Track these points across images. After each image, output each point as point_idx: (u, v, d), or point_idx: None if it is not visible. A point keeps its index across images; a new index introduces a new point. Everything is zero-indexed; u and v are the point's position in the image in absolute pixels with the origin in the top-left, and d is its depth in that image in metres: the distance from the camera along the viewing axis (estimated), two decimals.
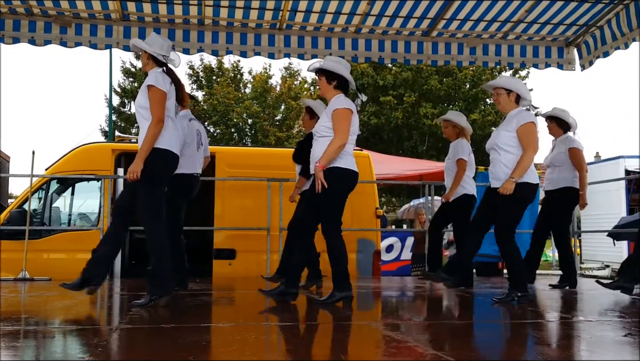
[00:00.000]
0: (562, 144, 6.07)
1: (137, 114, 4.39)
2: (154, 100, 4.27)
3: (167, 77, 4.42)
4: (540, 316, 4.38)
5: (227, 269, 7.16)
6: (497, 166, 4.80)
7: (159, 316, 4.00)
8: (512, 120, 4.79)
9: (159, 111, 4.25)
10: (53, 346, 3.10)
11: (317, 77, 4.63)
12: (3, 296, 5.14)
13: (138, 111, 4.38)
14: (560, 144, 6.09)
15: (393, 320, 4.14)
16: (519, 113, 4.81)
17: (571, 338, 3.48)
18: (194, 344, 2.97)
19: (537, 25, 7.09)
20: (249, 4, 6.45)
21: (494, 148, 4.85)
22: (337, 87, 4.55)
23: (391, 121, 21.05)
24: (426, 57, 7.38)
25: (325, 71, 4.55)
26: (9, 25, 6.48)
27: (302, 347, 3.12)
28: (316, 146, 4.52)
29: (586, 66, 7.37)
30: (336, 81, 4.54)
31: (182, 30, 6.79)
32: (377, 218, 7.71)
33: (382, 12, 6.72)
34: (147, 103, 4.29)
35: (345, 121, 4.41)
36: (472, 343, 3.38)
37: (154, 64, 4.47)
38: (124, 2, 6.38)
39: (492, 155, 4.90)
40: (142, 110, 4.32)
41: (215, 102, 24.64)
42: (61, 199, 8.13)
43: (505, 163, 4.73)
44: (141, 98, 4.34)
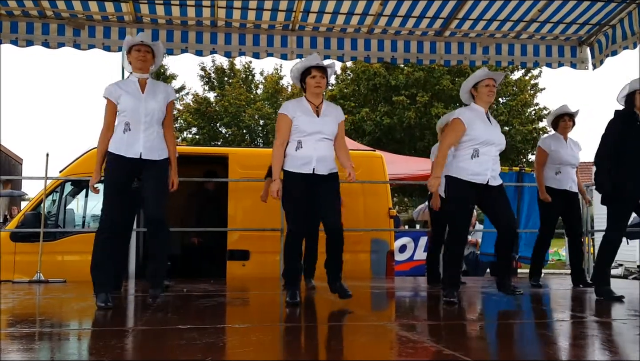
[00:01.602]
0: (575, 146, 6.13)
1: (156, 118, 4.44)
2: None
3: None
4: (555, 316, 4.35)
5: (241, 271, 7.17)
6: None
7: (175, 317, 4.01)
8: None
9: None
10: (68, 348, 3.11)
11: (321, 75, 4.57)
12: (18, 298, 5.18)
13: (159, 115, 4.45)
14: (574, 146, 6.13)
15: (408, 320, 4.12)
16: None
17: (586, 337, 3.45)
18: (211, 345, 2.98)
19: (550, 24, 7.04)
20: (261, 5, 6.46)
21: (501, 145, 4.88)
22: None
23: (404, 121, 21.01)
24: (439, 57, 7.35)
25: (327, 73, 4.62)
26: (23, 28, 6.53)
27: (317, 348, 3.12)
28: (323, 146, 4.53)
29: (598, 64, 7.33)
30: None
31: (195, 32, 6.81)
32: (391, 218, 7.69)
33: (395, 13, 6.70)
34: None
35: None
36: (488, 343, 3.36)
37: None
38: (136, 4, 6.40)
39: (496, 153, 4.85)
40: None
41: (227, 103, 24.71)
42: (75, 201, 8.18)
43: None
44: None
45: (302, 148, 4.49)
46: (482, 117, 4.80)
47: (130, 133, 4.33)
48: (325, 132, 4.56)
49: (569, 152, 6.08)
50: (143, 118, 4.34)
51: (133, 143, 4.32)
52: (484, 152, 4.70)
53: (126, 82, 4.47)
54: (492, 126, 4.83)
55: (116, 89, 4.39)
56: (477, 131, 4.71)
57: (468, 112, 4.83)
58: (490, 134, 4.75)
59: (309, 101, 4.60)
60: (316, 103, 4.60)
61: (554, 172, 6.04)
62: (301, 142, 4.50)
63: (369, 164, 8.01)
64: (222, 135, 25.52)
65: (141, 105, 4.34)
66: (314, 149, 4.50)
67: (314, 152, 4.50)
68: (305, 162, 4.49)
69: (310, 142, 4.51)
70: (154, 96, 4.41)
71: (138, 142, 4.32)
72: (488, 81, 4.80)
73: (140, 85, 4.43)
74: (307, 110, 4.56)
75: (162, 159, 4.42)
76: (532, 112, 22.23)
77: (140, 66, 4.46)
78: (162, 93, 4.47)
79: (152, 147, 4.37)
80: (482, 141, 4.71)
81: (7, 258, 6.85)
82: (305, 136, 4.50)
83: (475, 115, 4.80)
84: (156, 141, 4.39)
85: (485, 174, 4.69)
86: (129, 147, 4.32)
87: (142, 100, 4.36)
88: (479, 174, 4.69)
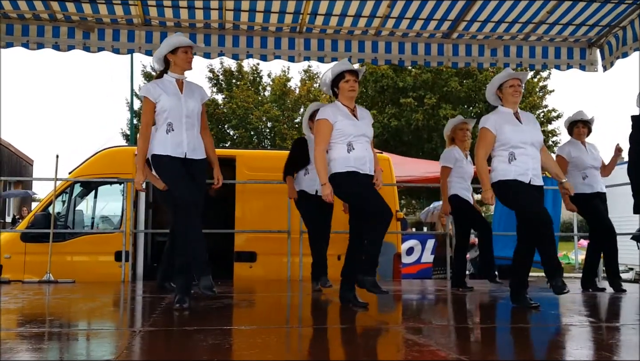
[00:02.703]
0: (594, 149, 6.14)
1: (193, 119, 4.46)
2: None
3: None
4: (563, 321, 4.34)
5: (248, 272, 7.19)
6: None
7: (182, 318, 4.03)
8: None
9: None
10: (77, 348, 3.14)
11: (354, 79, 4.64)
12: (28, 298, 5.22)
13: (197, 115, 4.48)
14: (592, 150, 6.12)
15: (414, 323, 4.12)
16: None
17: (594, 342, 3.44)
18: (216, 347, 2.99)
19: (559, 26, 7.02)
20: (269, 7, 6.48)
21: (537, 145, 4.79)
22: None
23: (411, 123, 20.99)
24: (447, 59, 7.34)
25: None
26: (33, 31, 6.58)
27: (323, 350, 3.12)
28: (369, 148, 4.62)
29: (608, 66, 7.28)
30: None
31: (203, 34, 6.84)
32: (398, 220, 7.68)
33: (402, 15, 6.70)
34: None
35: None
36: (495, 347, 3.35)
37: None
38: (145, 7, 6.44)
39: (534, 152, 4.77)
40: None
41: (234, 105, 24.76)
42: (84, 202, 8.23)
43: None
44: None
45: (355, 150, 4.49)
46: (510, 119, 4.75)
47: (174, 133, 4.33)
48: (368, 135, 4.61)
49: (590, 156, 6.07)
50: (184, 118, 4.35)
51: (179, 143, 4.33)
52: (520, 153, 4.65)
53: (164, 82, 4.44)
54: (524, 125, 4.74)
55: (155, 88, 4.38)
56: (506, 135, 4.67)
57: (494, 117, 4.80)
58: (522, 135, 4.68)
59: (344, 105, 4.63)
60: (351, 107, 4.64)
61: (581, 178, 6.01)
62: (352, 144, 4.50)
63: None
64: (229, 137, 25.59)
65: (181, 105, 4.35)
66: (366, 150, 4.56)
67: (366, 153, 4.55)
68: (363, 162, 4.52)
69: (360, 144, 4.54)
70: (192, 96, 4.44)
71: (183, 142, 4.34)
72: (512, 81, 4.78)
73: (178, 85, 4.44)
74: (346, 114, 4.58)
75: (202, 159, 4.45)
76: (541, 114, 22.15)
77: (187, 67, 4.49)
78: (198, 93, 4.51)
79: (195, 147, 4.39)
80: (514, 143, 4.66)
81: (17, 258, 6.91)
82: (353, 138, 4.51)
83: (502, 118, 4.77)
84: (197, 140, 4.42)
85: (527, 173, 4.64)
86: (175, 147, 4.32)
87: (181, 100, 4.37)
88: (521, 175, 4.64)
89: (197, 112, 4.43)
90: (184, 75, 4.49)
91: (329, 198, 4.43)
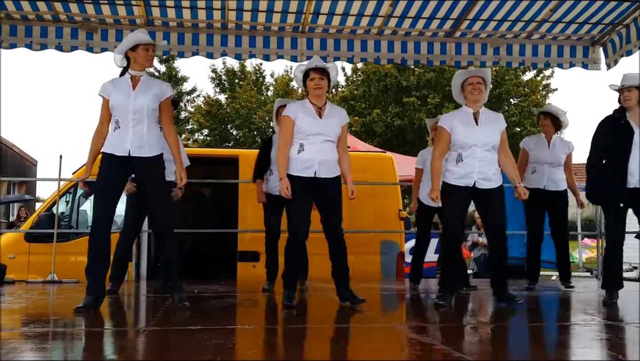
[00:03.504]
0: (562, 145, 6.02)
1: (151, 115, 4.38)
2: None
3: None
4: (567, 319, 4.33)
5: (251, 272, 7.19)
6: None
7: (186, 318, 4.04)
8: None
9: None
10: (81, 347, 3.15)
11: (320, 76, 4.56)
12: (32, 298, 5.23)
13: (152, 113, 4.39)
14: (560, 145, 6.03)
15: (418, 322, 4.12)
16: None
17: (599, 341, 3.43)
18: (220, 346, 3.00)
19: (562, 24, 7.00)
20: (271, 7, 6.48)
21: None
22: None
23: (414, 123, 20.97)
24: (449, 58, 7.33)
25: (328, 75, 4.61)
26: (37, 32, 6.59)
27: (327, 350, 3.13)
28: (326, 148, 4.53)
29: (612, 65, 7.25)
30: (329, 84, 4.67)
31: (206, 34, 6.84)
32: (401, 219, 7.68)
33: (405, 14, 6.69)
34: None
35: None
36: (498, 346, 3.35)
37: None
38: (148, 8, 6.44)
39: (484, 154, 4.72)
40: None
41: (238, 105, 24.78)
42: (88, 202, 8.24)
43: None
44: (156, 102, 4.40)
45: (304, 151, 4.49)
46: (466, 120, 4.70)
47: (120, 131, 4.30)
48: (327, 134, 4.53)
49: (548, 152, 5.99)
50: (131, 115, 4.27)
51: (123, 141, 4.28)
52: (467, 155, 4.63)
53: (120, 80, 4.41)
54: (479, 126, 4.67)
55: (109, 86, 4.36)
56: (456, 135, 4.66)
57: (451, 116, 4.82)
58: (472, 136, 4.63)
59: (312, 103, 4.61)
60: (319, 105, 4.59)
61: (530, 172, 6.03)
62: (303, 146, 4.49)
63: (380, 165, 8.02)
64: (233, 137, 25.62)
65: (130, 102, 4.28)
66: (317, 152, 4.50)
67: (316, 155, 4.50)
68: (307, 165, 4.49)
69: (313, 145, 4.50)
70: (145, 93, 4.33)
71: (127, 140, 4.27)
72: (471, 79, 4.71)
73: (132, 82, 4.37)
74: (309, 111, 4.56)
75: (152, 156, 4.33)
76: None
77: (147, 65, 4.43)
78: (156, 90, 4.39)
79: (141, 144, 4.28)
80: (460, 144, 4.65)
81: (21, 259, 6.94)
82: (308, 137, 4.50)
83: (458, 118, 4.74)
84: (146, 138, 4.30)
85: (471, 177, 4.62)
86: (119, 145, 4.28)
87: (131, 96, 4.30)
88: (463, 177, 4.63)
89: (146, 109, 4.30)
90: (143, 72, 4.42)
91: (284, 192, 4.45)
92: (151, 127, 4.35)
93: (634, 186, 4.66)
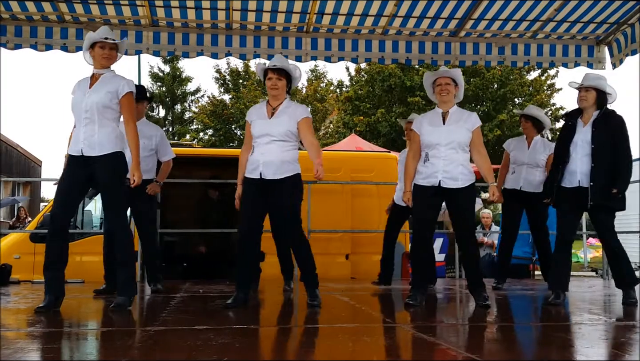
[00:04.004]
0: (543, 147, 6.02)
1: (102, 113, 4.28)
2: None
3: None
4: (573, 319, 4.32)
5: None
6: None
7: (191, 318, 4.04)
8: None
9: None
10: (86, 347, 3.15)
11: (277, 77, 4.54)
12: (38, 298, 5.24)
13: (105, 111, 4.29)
14: (540, 147, 6.03)
15: (424, 322, 4.11)
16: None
17: (605, 340, 3.42)
18: (226, 346, 3.00)
19: (567, 24, 6.98)
20: (276, 7, 6.48)
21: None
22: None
23: None
24: (454, 57, 7.32)
25: (287, 74, 4.59)
26: (42, 32, 6.61)
27: (333, 349, 3.12)
28: (272, 149, 4.49)
29: (617, 64, 7.24)
30: (290, 85, 4.66)
31: (210, 34, 6.85)
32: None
33: (409, 13, 6.69)
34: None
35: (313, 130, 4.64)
36: (505, 346, 3.35)
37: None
38: (153, 8, 6.45)
39: (450, 153, 4.70)
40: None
41: (242, 105, 24.79)
42: (93, 202, 8.27)
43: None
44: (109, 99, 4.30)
45: (253, 153, 4.54)
46: (434, 119, 4.73)
47: (76, 130, 4.30)
48: (273, 134, 4.48)
49: (525, 153, 6.03)
50: (83, 114, 4.22)
51: (77, 140, 4.26)
52: (432, 155, 4.64)
53: (84, 79, 4.38)
54: (446, 125, 4.66)
55: (74, 86, 4.37)
56: (423, 135, 4.70)
57: (422, 117, 4.88)
58: (437, 135, 4.62)
59: (269, 103, 4.63)
60: (273, 105, 4.59)
61: (511, 172, 6.11)
62: (254, 148, 4.55)
63: (384, 165, 8.02)
64: (237, 137, 25.64)
65: (83, 100, 4.23)
66: (261, 154, 4.49)
67: (260, 156, 4.49)
68: (254, 167, 4.50)
69: (259, 147, 4.52)
70: (98, 90, 4.25)
71: (79, 139, 4.23)
72: (439, 80, 4.75)
73: (92, 81, 4.33)
74: (262, 113, 4.58)
75: (102, 155, 4.21)
76: (549, 112, 22.05)
77: (105, 63, 4.35)
78: (111, 87, 4.28)
79: (91, 143, 4.20)
80: (426, 144, 4.68)
81: (26, 259, 6.96)
82: (256, 139, 4.53)
83: (427, 118, 4.80)
84: (97, 136, 4.21)
85: (436, 176, 4.61)
86: (74, 144, 4.27)
87: (85, 95, 4.25)
88: (429, 177, 4.64)
89: (97, 107, 4.20)
90: (105, 70, 4.36)
91: (235, 200, 4.59)
92: (105, 125, 4.24)
93: (572, 186, 4.82)
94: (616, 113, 4.88)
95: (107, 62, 4.37)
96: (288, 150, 4.51)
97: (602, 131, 4.76)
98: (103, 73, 4.36)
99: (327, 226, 7.58)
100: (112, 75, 4.39)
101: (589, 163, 4.74)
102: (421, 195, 4.67)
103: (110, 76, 4.37)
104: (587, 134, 4.79)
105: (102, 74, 4.35)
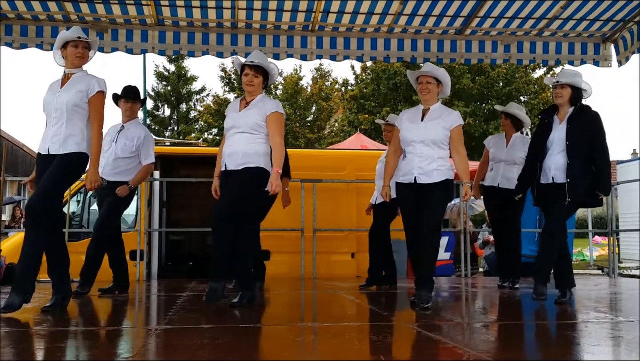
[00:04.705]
0: (522, 144, 5.97)
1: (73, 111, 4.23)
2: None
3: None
4: (579, 317, 4.31)
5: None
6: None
7: (197, 317, 4.05)
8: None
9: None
10: (94, 347, 3.16)
11: (254, 73, 4.54)
12: (44, 297, 5.26)
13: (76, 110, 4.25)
14: (519, 144, 6.01)
15: (431, 320, 4.11)
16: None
17: (612, 338, 3.41)
18: (232, 344, 3.00)
19: (573, 21, 6.96)
20: (281, 6, 6.48)
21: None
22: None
23: None
24: (459, 55, 7.31)
25: (264, 71, 4.60)
26: (47, 32, 6.62)
27: (339, 348, 3.12)
28: (236, 141, 4.50)
29: (623, 62, 7.21)
30: (266, 82, 4.67)
31: (216, 33, 6.86)
32: None
33: (415, 12, 6.68)
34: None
35: (283, 126, 4.67)
36: (513, 344, 3.34)
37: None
38: (158, 7, 6.46)
39: (425, 150, 4.71)
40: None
41: None
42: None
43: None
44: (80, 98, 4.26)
45: (225, 146, 4.60)
46: (413, 116, 4.76)
47: (45, 129, 4.30)
48: (239, 126, 4.50)
49: (503, 150, 6.05)
50: (53, 113, 4.21)
51: (45, 139, 4.26)
52: (409, 152, 4.67)
53: (57, 80, 4.39)
54: (424, 122, 4.67)
55: (48, 86, 4.38)
56: (402, 132, 4.74)
57: (403, 114, 4.94)
58: (413, 132, 4.64)
59: (244, 98, 4.67)
60: (247, 100, 4.62)
61: (489, 169, 6.16)
62: (227, 141, 4.59)
63: None
64: None
65: (53, 100, 4.23)
66: (228, 146, 4.55)
67: (227, 148, 4.55)
68: (224, 160, 4.55)
69: (227, 139, 4.58)
70: (69, 90, 4.24)
71: (47, 137, 4.23)
72: (420, 78, 4.79)
73: (64, 80, 4.33)
74: (235, 107, 4.65)
75: (64, 153, 4.16)
76: None
77: (77, 63, 4.34)
78: (82, 86, 4.25)
79: (58, 141, 4.18)
80: (404, 140, 4.71)
81: None
82: (226, 132, 4.61)
83: (407, 116, 4.84)
84: (63, 135, 4.18)
85: (412, 173, 4.62)
86: (43, 143, 4.28)
87: (56, 94, 4.24)
88: (406, 174, 4.68)
89: (66, 106, 4.18)
90: (77, 69, 4.35)
91: (213, 192, 4.60)
92: (73, 124, 4.21)
93: (548, 182, 4.83)
94: (591, 109, 4.85)
95: (80, 61, 4.36)
96: (253, 143, 4.48)
97: (577, 127, 4.75)
98: (75, 72, 4.35)
99: (332, 224, 7.58)
100: (84, 74, 4.38)
101: (564, 159, 4.73)
102: (401, 193, 4.74)
103: (82, 75, 4.36)
104: (562, 131, 4.79)
105: (73, 74, 4.34)
